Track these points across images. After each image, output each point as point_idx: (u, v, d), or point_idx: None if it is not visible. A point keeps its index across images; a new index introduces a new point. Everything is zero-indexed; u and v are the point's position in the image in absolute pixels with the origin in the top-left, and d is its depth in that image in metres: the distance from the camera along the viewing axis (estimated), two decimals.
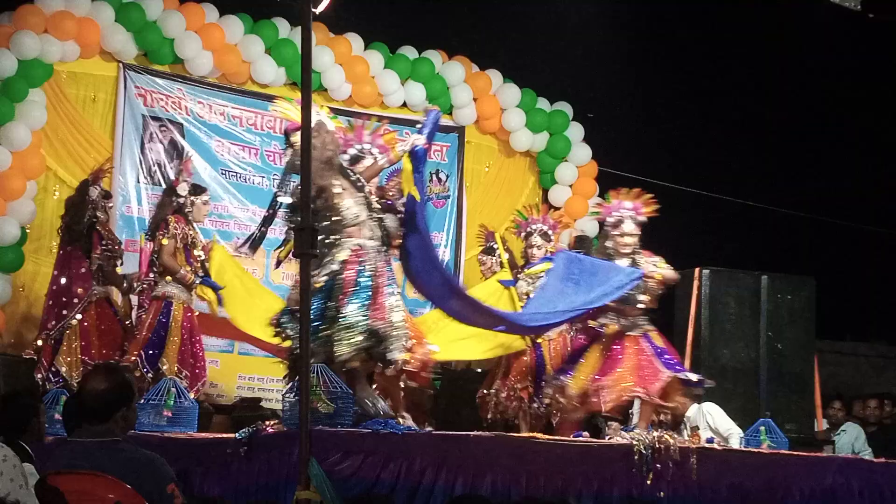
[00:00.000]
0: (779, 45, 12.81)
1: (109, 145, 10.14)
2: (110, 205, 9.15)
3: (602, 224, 8.93)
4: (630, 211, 8.67)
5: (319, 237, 6.77)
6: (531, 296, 8.71)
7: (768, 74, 12.83)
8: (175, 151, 10.41)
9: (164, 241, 8.40)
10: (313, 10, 6.08)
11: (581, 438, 7.84)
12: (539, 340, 8.94)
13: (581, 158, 12.01)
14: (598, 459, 7.28)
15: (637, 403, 8.61)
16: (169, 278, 8.42)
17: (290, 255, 7.63)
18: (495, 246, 9.55)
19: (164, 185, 9.73)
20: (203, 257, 8.60)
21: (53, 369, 8.34)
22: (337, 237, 7.09)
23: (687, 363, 9.26)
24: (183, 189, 8.64)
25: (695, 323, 9.72)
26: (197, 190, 8.79)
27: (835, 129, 13.02)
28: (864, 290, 14.70)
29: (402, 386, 8.10)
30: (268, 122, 10.81)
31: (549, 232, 9.41)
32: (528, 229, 9.25)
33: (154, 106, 10.40)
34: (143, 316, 8.49)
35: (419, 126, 7.68)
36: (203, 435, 7.24)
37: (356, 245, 7.11)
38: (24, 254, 9.50)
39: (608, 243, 8.52)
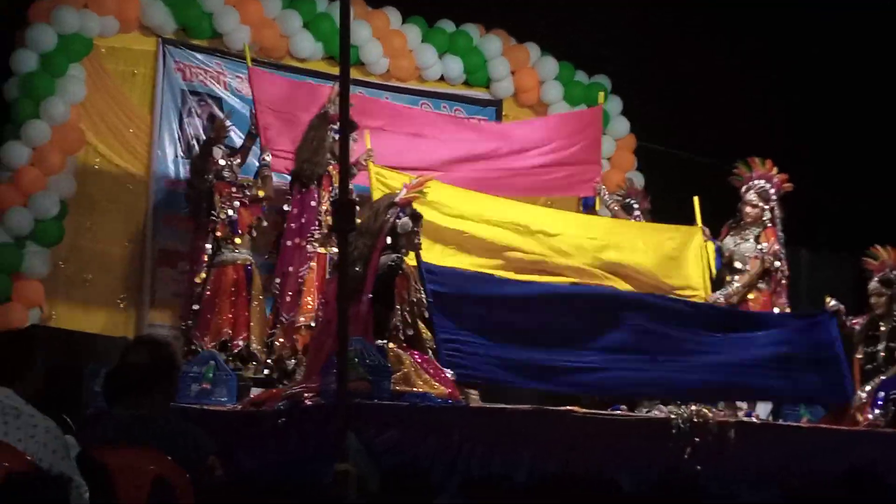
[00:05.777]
0: (829, 23, 12.57)
1: (148, 120, 10.17)
2: None
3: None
4: (757, 181, 9.02)
5: None
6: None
7: (819, 47, 12.58)
8: (213, 126, 10.40)
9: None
10: None
11: (618, 412, 7.83)
12: None
13: (619, 132, 11.91)
14: (636, 433, 7.26)
15: None
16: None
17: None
18: (635, 204, 9.80)
19: None
20: None
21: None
22: None
23: None
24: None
25: None
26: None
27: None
28: None
29: None
30: None
31: (635, 204, 9.74)
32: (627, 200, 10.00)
33: (193, 80, 10.41)
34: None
35: None
36: (241, 408, 7.28)
37: None
38: (64, 228, 9.56)
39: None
